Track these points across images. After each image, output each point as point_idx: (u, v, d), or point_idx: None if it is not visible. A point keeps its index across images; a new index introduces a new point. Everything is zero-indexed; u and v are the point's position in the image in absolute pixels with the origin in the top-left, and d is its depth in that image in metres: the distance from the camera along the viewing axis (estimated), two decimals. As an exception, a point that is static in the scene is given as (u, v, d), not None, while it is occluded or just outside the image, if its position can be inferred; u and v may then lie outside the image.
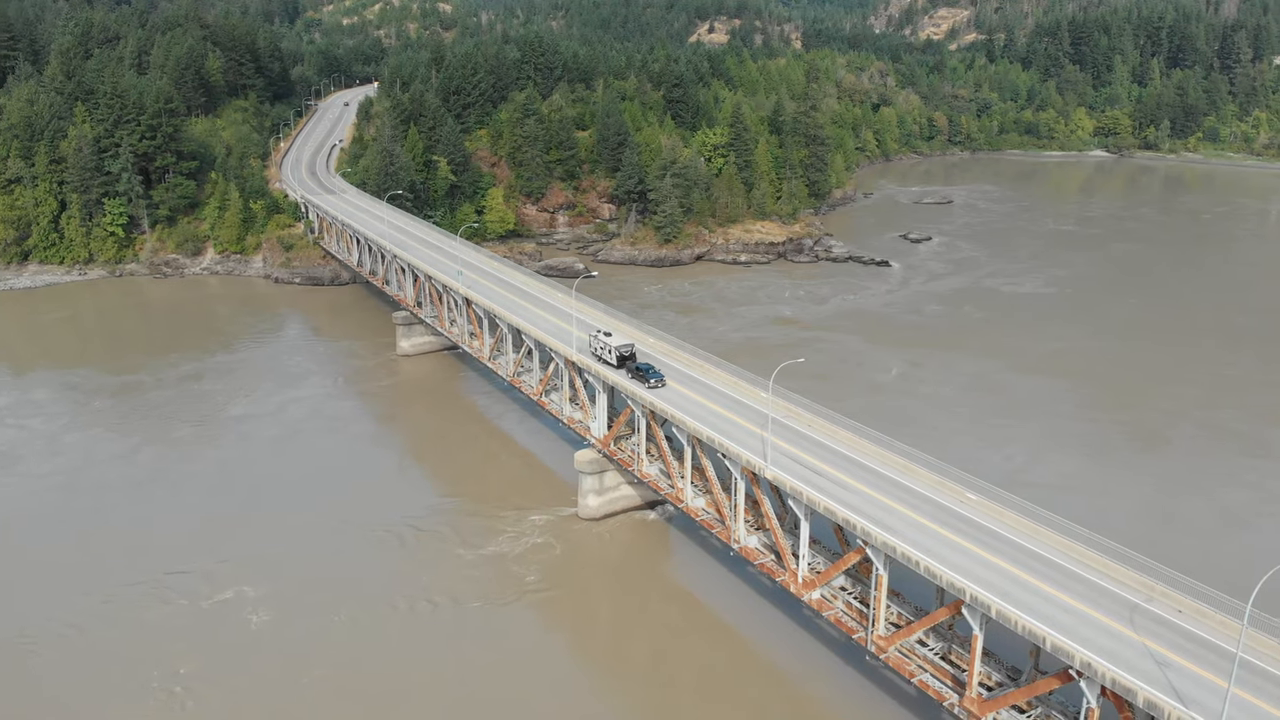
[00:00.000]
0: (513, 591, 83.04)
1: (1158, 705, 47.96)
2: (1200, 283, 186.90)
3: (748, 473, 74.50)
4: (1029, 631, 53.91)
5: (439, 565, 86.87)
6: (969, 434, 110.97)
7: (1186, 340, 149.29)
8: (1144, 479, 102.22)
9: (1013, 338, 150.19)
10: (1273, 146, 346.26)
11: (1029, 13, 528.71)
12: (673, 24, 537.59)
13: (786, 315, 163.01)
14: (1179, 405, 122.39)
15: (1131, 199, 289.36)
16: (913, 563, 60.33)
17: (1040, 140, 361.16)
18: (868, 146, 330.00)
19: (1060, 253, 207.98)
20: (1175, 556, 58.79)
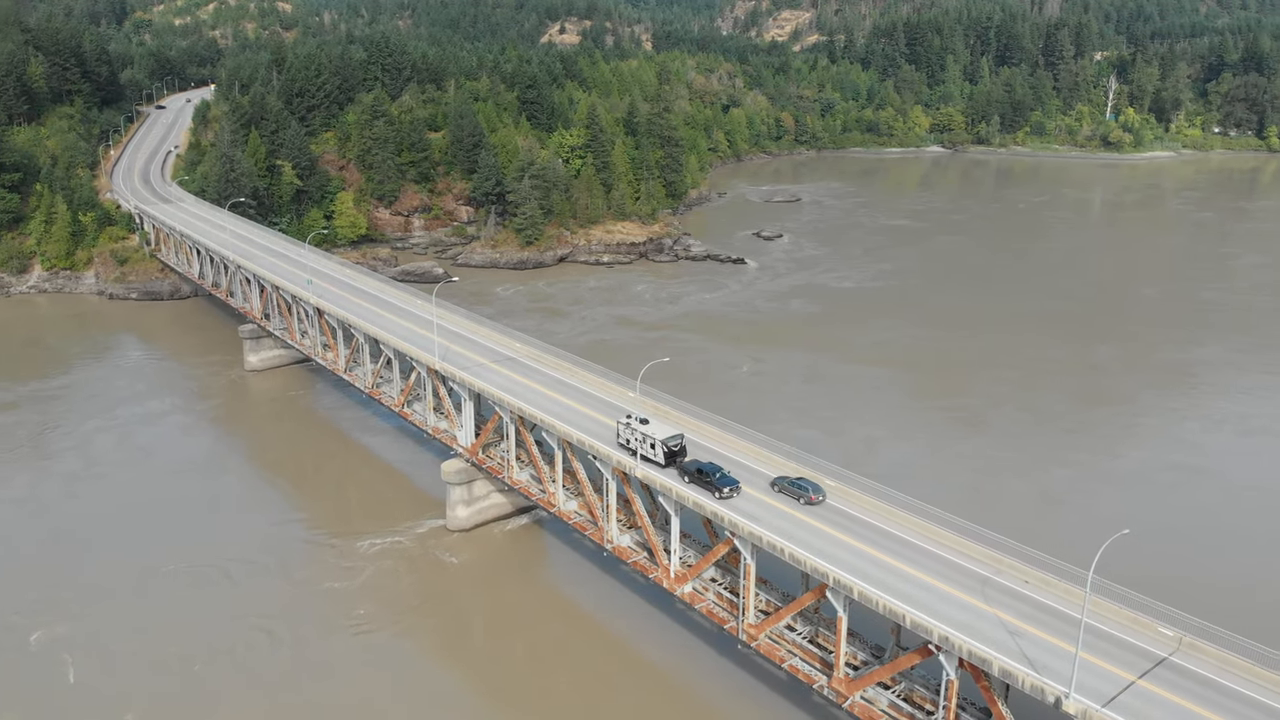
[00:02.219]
0: (381, 614, 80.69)
1: (1012, 673, 50.73)
2: (1017, 271, 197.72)
3: (619, 473, 74.81)
4: (890, 610, 56.12)
5: (297, 596, 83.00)
6: (813, 424, 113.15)
7: (1005, 327, 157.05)
8: (972, 460, 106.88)
9: (847, 331, 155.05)
10: (1094, 138, 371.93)
11: (867, 15, 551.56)
12: (523, 24, 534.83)
13: (648, 315, 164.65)
14: (1000, 389, 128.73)
15: (961, 193, 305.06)
16: (778, 551, 61.92)
17: (881, 138, 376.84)
18: (720, 147, 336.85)
19: (892, 247, 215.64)
20: (1010, 532, 62.32)
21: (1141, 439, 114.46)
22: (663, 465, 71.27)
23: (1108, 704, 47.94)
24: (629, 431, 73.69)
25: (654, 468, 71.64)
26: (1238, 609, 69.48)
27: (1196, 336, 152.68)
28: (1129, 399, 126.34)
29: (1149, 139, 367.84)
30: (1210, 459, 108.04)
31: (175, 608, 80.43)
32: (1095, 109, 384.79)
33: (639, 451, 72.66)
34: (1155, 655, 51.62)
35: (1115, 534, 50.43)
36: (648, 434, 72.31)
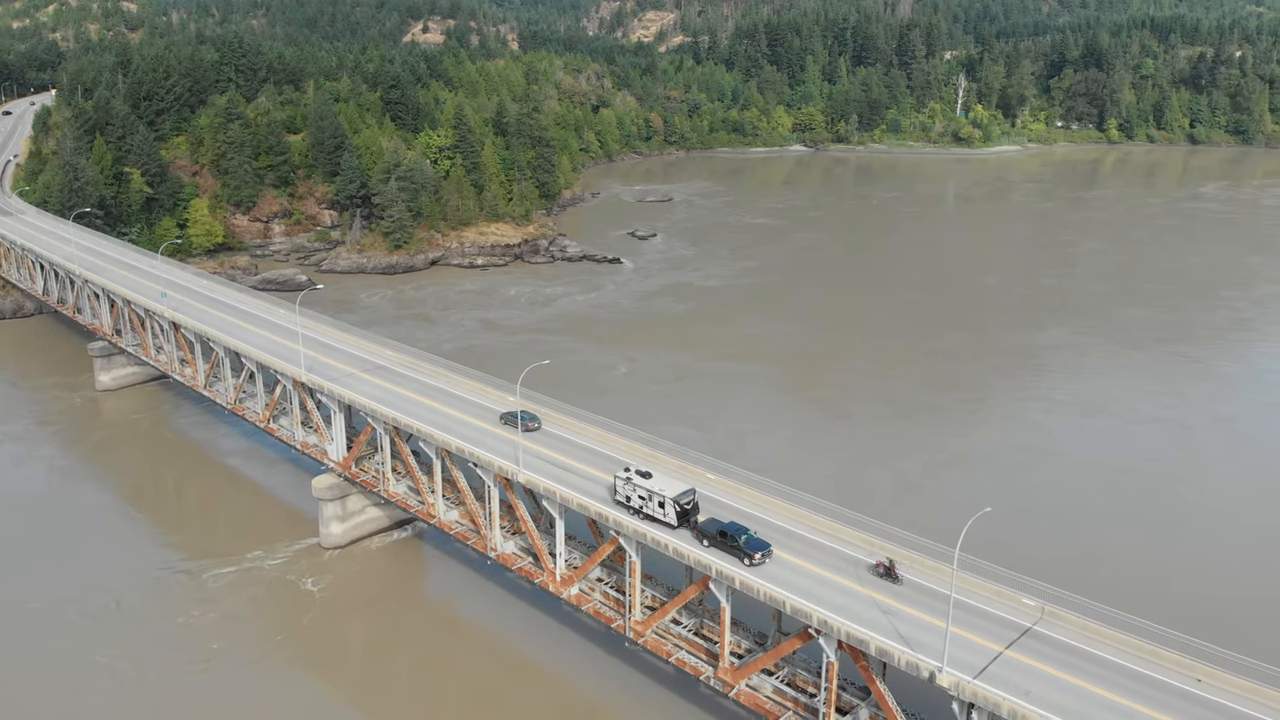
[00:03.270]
0: (256, 642, 77.37)
1: (888, 652, 52.43)
2: (874, 265, 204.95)
3: (501, 479, 73.81)
4: (771, 598, 57.24)
5: (159, 632, 78.35)
6: (687, 422, 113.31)
7: (862, 319, 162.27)
8: (835, 450, 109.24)
9: (716, 328, 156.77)
10: (946, 135, 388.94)
11: (729, 16, 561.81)
12: (384, 23, 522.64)
13: (522, 317, 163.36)
14: (859, 380, 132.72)
15: (823, 190, 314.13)
16: (662, 546, 62.31)
17: (746, 138, 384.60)
18: (591, 147, 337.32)
19: (757, 245, 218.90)
20: (876, 518, 64.57)
21: (992, 422, 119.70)
22: (674, 526, 62.86)
23: (978, 675, 50.05)
24: (629, 487, 64.50)
25: (662, 529, 63.24)
26: (1090, 578, 73.90)
27: (1039, 322, 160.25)
28: (979, 384, 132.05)
29: (997, 134, 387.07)
30: (1056, 439, 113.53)
31: (3, 652, 74.97)
32: (947, 106, 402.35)
33: (643, 510, 63.98)
34: (1020, 625, 54.22)
35: (976, 513, 52.64)
36: (654, 490, 63.27)
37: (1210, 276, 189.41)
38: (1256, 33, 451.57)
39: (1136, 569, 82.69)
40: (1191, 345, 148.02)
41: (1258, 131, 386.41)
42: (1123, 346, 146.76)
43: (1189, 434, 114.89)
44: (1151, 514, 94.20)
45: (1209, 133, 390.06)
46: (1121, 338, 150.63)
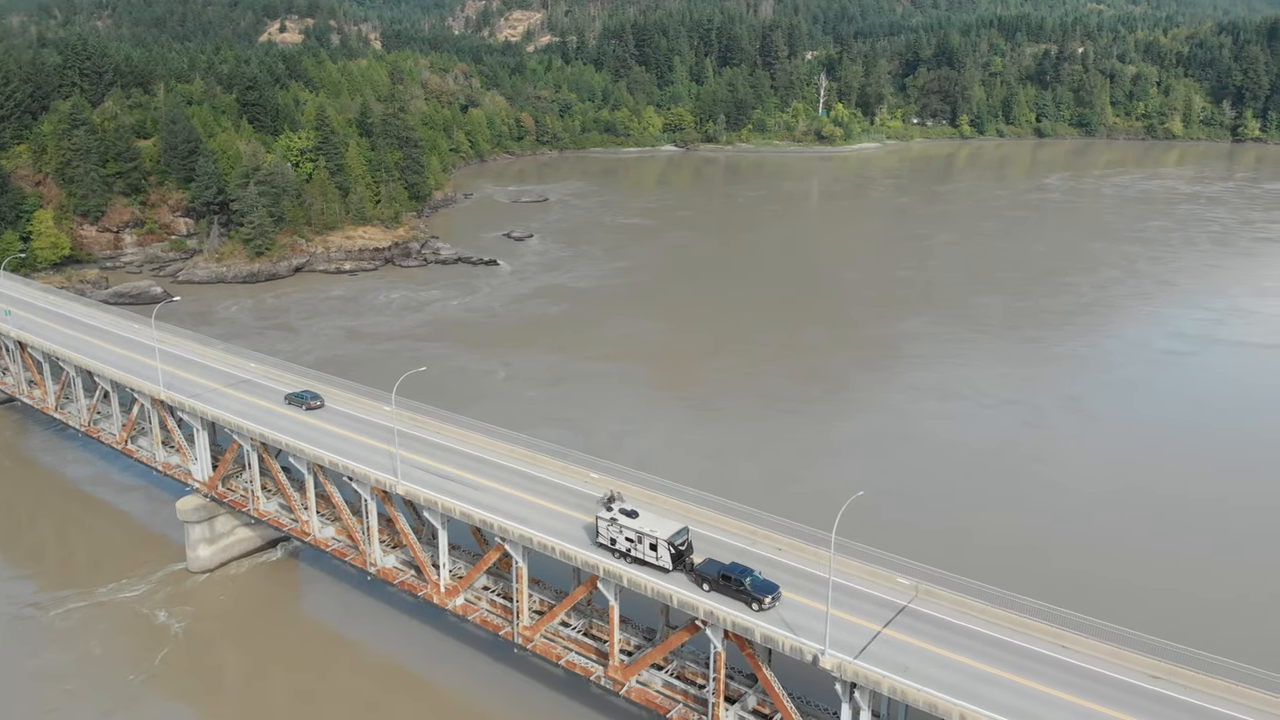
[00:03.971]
0: (118, 679, 73.07)
1: (772, 638, 53.46)
2: (741, 262, 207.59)
3: (378, 492, 71.87)
4: (658, 593, 57.57)
5: (7, 677, 73.46)
6: (564, 425, 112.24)
7: (731, 316, 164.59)
8: (708, 446, 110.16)
9: (591, 329, 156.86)
10: (809, 133, 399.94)
11: (596, 16, 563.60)
12: (238, 23, 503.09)
13: (393, 324, 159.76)
14: (729, 376, 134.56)
15: (694, 190, 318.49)
16: (549, 549, 61.90)
17: (618, 138, 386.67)
18: (461, 147, 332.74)
19: (631, 245, 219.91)
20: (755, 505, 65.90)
21: (858, 411, 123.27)
22: (668, 570, 58.31)
23: (859, 655, 51.54)
24: (614, 529, 59.12)
25: (654, 573, 58.34)
26: (959, 555, 77.16)
27: (898, 313, 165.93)
28: (843, 375, 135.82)
29: (857, 132, 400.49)
30: (918, 424, 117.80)
31: None
32: (809, 106, 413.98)
33: (630, 553, 58.97)
34: (896, 604, 56.10)
35: (849, 499, 54.19)
36: (644, 531, 58.22)
37: (1055, 263, 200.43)
38: (1097, 29, 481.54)
39: (1001, 544, 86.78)
40: (1040, 330, 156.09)
41: (1099, 124, 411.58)
42: (976, 334, 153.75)
43: (1041, 414, 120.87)
44: (1011, 491, 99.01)
45: (1054, 126, 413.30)
46: (975, 325, 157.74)
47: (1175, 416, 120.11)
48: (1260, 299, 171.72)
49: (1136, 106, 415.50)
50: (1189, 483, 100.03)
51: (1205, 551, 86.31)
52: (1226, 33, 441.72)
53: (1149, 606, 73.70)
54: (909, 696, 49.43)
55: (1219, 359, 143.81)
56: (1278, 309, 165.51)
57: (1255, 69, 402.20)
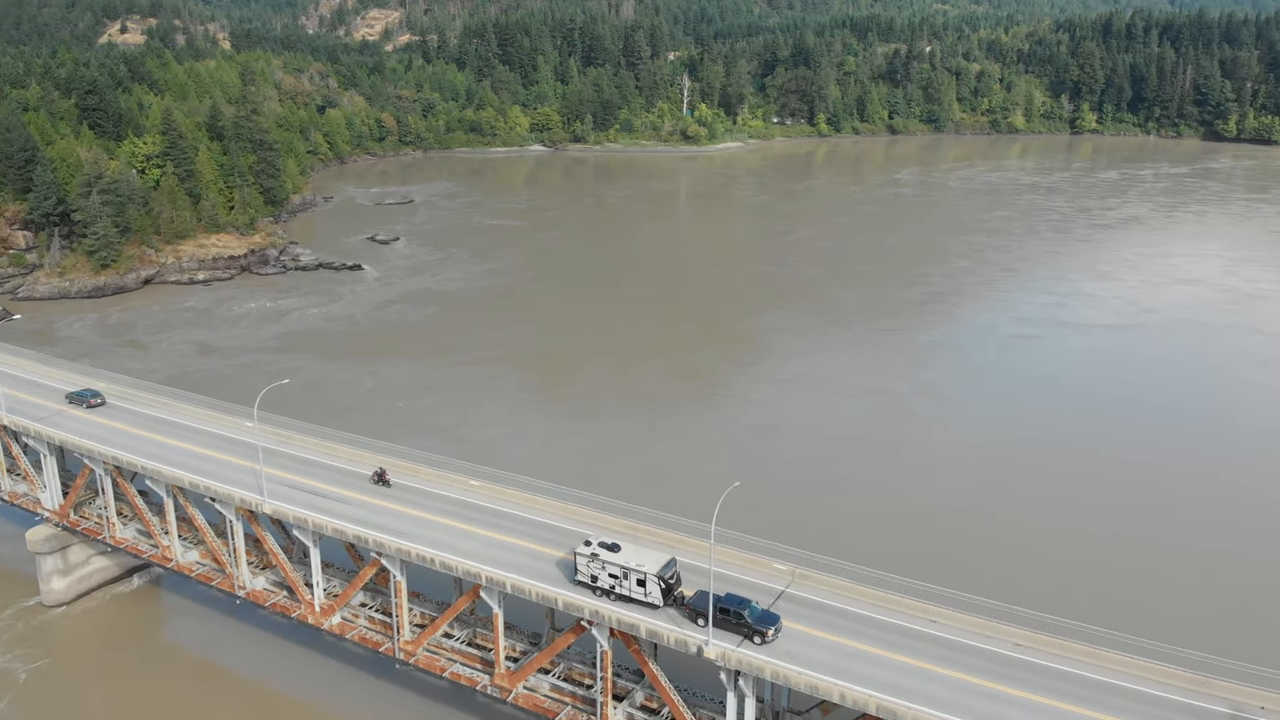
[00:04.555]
0: (-37, 715, 67.88)
1: (657, 633, 53.99)
2: (611, 261, 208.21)
3: (244, 512, 68.96)
4: (543, 597, 57.32)
5: None
6: (434, 433, 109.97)
7: (601, 316, 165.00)
8: (584, 447, 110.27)
9: (462, 334, 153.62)
10: (675, 133, 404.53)
11: (456, 15, 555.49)
12: (76, 24, 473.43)
13: (250, 335, 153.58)
14: (601, 376, 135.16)
15: (563, 190, 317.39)
16: (428, 561, 60.75)
17: (485, 138, 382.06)
18: (320, 149, 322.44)
19: (501, 246, 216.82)
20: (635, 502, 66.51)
21: (727, 405, 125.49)
22: (657, 606, 55.32)
23: (741, 644, 52.57)
24: (595, 565, 55.88)
25: (642, 610, 55.39)
26: (832, 539, 79.59)
27: (761, 308, 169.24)
28: (712, 370, 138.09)
29: (721, 131, 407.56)
30: (784, 415, 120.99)
31: None
32: (674, 106, 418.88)
33: (615, 590, 55.71)
34: (775, 590, 57.51)
35: (725, 490, 55.18)
36: (629, 566, 55.18)
37: (908, 255, 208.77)
38: (943, 29, 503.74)
39: (870, 526, 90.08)
40: (896, 320, 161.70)
41: (948, 120, 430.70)
42: (837, 326, 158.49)
43: (900, 400, 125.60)
44: (877, 475, 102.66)
45: (906, 123, 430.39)
46: (835, 318, 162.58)
47: (1026, 396, 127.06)
48: (1098, 282, 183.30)
49: (981, 102, 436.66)
50: (1042, 458, 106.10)
51: (1060, 523, 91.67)
52: (1064, 30, 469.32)
53: (1014, 578, 77.84)
54: (791, 680, 50.77)
55: (1063, 340, 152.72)
56: (1114, 291, 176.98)
57: (1090, 64, 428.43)
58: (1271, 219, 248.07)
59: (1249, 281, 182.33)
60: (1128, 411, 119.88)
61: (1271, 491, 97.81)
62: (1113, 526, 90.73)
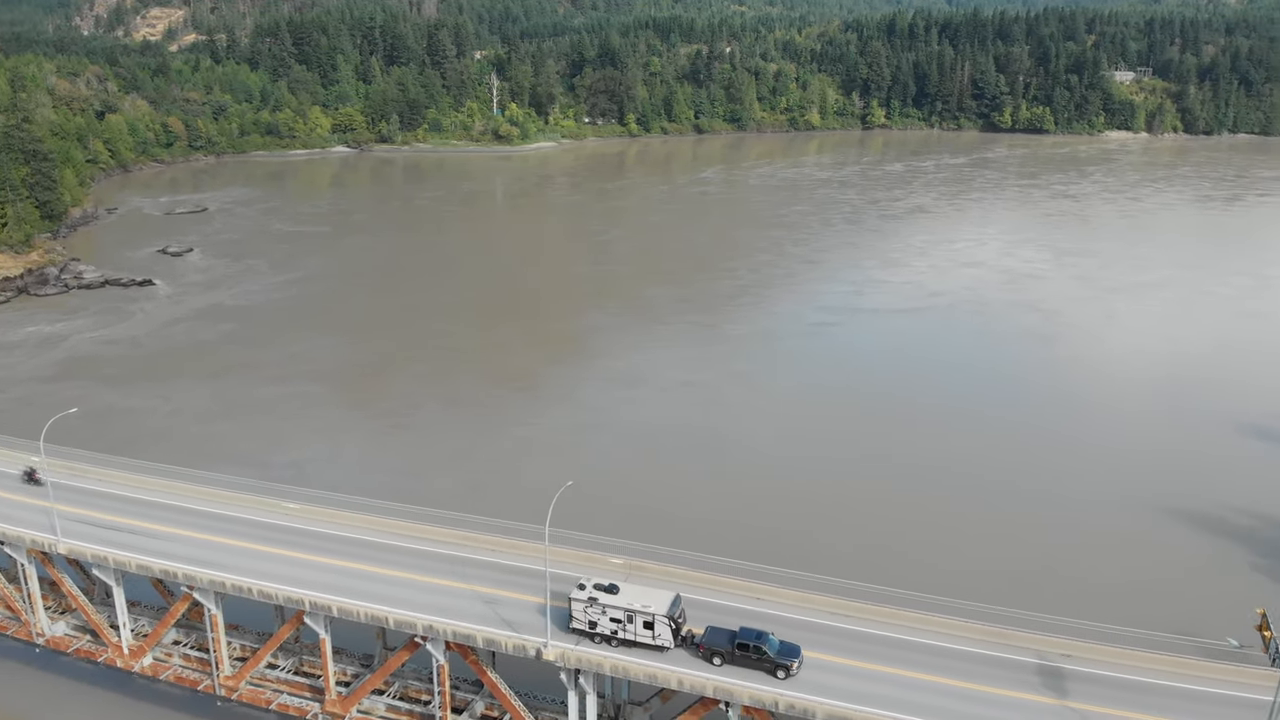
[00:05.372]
0: None
1: (495, 640, 53.67)
2: (423, 266, 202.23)
3: (36, 554, 63.37)
4: (372, 617, 55.85)
5: None
6: (236, 460, 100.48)
7: (416, 322, 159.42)
8: (403, 461, 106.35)
9: (266, 349, 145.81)
10: (486, 133, 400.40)
11: (247, 13, 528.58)
12: None
13: (29, 362, 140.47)
14: (418, 386, 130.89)
15: (372, 193, 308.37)
16: (245, 591, 57.91)
17: (284, 140, 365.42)
18: (101, 158, 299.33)
19: (305, 255, 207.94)
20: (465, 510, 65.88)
21: (552, 406, 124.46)
22: (667, 648, 51.89)
23: (580, 642, 53.03)
24: (594, 610, 52.24)
25: (649, 654, 51.73)
26: (665, 528, 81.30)
27: (577, 308, 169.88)
28: (533, 373, 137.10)
29: (533, 131, 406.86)
30: (609, 413, 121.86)
31: None
32: (483, 105, 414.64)
33: (617, 636, 52.13)
34: (607, 586, 58.27)
35: (557, 491, 55.49)
36: (634, 608, 51.60)
37: (715, 251, 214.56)
38: (741, 30, 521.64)
39: (698, 513, 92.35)
40: (707, 314, 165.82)
41: (750, 119, 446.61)
42: (652, 322, 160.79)
43: (715, 391, 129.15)
44: (700, 464, 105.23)
45: (711, 122, 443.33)
46: (651, 315, 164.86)
47: (831, 380, 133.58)
48: (890, 269, 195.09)
49: (780, 101, 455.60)
50: (851, 435, 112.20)
51: (869, 494, 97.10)
52: (852, 30, 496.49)
53: (829, 550, 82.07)
54: (630, 672, 51.70)
55: (861, 325, 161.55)
56: (905, 277, 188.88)
57: (878, 63, 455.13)
58: (1043, 203, 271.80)
59: (1025, 262, 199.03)
60: (923, 387, 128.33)
61: (1055, 454, 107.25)
62: (916, 493, 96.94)
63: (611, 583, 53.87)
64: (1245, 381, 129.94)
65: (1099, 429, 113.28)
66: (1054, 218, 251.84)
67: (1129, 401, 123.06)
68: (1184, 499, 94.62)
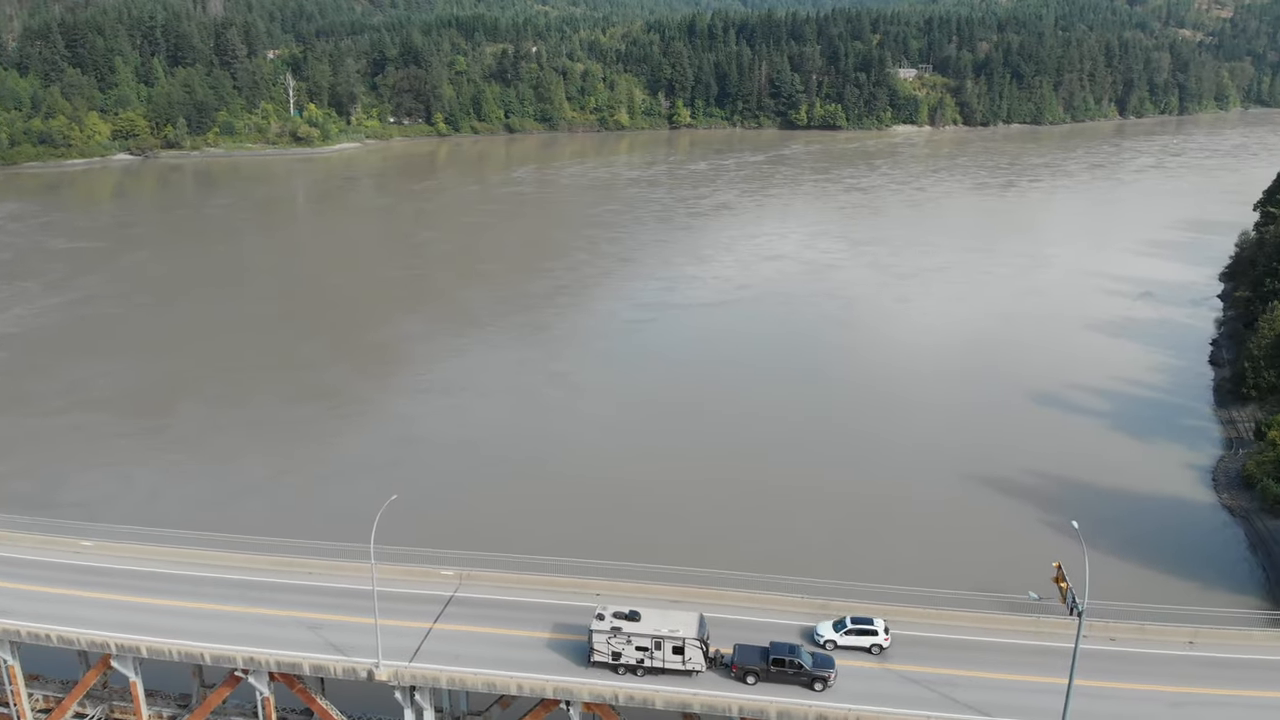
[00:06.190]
0: None
1: (323, 666, 52.17)
2: (217, 278, 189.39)
3: None
4: (186, 654, 53.08)
5: None
6: (16, 502, 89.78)
7: (206, 341, 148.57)
8: (205, 488, 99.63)
9: (36, 381, 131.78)
10: (284, 135, 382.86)
11: (14, 15, 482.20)
12: None
13: None
14: (215, 409, 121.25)
15: (159, 202, 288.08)
16: (43, 638, 53.71)
17: (58, 149, 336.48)
18: None
19: (79, 274, 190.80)
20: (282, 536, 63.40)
21: (367, 421, 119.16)
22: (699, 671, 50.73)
23: (414, 658, 52.27)
24: (619, 640, 50.45)
25: (677, 680, 50.38)
26: (498, 534, 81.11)
27: (390, 316, 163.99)
28: (343, 388, 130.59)
29: (335, 132, 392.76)
30: (427, 424, 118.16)
31: None
32: (280, 106, 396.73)
33: (643, 664, 50.53)
34: (443, 598, 57.84)
35: (379, 508, 54.34)
36: (662, 634, 50.21)
37: (530, 252, 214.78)
38: (546, 30, 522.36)
39: (529, 516, 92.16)
40: (525, 315, 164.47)
41: (560, 118, 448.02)
42: (468, 327, 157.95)
43: (535, 393, 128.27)
44: (524, 466, 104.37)
45: (522, 122, 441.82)
46: (467, 319, 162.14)
47: (648, 375, 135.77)
48: (700, 265, 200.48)
49: (589, 101, 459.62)
50: (668, 426, 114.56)
51: (691, 482, 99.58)
52: (654, 31, 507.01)
53: (662, 539, 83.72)
54: (468, 683, 51.49)
55: (675, 319, 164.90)
56: (714, 272, 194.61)
57: (680, 63, 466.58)
58: (837, 196, 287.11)
59: (824, 253, 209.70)
60: (736, 376, 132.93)
61: (862, 430, 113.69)
62: (734, 478, 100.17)
63: (631, 610, 52.33)
64: (1028, 352, 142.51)
65: (900, 405, 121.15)
66: (847, 210, 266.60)
67: (925, 377, 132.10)
68: (979, 464, 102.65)
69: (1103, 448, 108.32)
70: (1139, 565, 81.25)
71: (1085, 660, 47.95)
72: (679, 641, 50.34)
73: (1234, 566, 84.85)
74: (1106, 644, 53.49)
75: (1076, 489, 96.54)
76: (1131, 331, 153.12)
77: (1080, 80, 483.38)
